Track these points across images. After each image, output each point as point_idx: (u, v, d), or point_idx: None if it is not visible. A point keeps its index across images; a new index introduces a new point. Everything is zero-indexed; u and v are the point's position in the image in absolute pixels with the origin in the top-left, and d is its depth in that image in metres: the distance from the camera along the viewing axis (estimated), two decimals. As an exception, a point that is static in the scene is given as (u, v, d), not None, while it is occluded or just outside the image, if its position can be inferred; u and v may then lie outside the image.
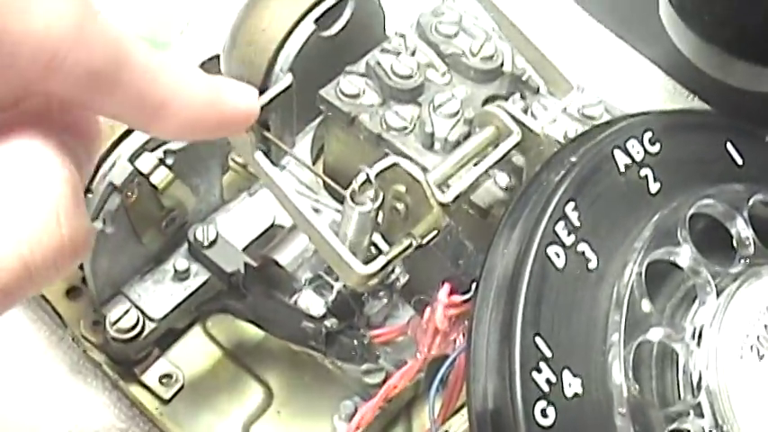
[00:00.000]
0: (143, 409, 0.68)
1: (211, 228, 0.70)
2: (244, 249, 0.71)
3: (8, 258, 0.35)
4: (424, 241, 0.54)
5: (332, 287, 0.64)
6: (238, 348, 0.71)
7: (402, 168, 0.54)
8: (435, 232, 0.54)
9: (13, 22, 0.35)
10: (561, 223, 0.51)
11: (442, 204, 0.55)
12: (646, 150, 0.55)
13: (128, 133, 0.64)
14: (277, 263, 0.65)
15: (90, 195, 0.64)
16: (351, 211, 0.54)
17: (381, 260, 0.55)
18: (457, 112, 0.67)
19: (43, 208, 0.37)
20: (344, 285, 0.63)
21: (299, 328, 0.61)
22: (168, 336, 0.70)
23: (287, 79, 0.70)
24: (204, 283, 0.70)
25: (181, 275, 0.69)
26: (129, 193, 0.63)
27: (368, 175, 0.54)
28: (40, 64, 0.37)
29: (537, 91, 0.69)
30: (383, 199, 0.55)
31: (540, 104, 0.68)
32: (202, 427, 0.68)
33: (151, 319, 0.68)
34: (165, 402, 0.69)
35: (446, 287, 0.53)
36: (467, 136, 0.67)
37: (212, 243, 0.69)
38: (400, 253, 0.55)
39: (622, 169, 0.54)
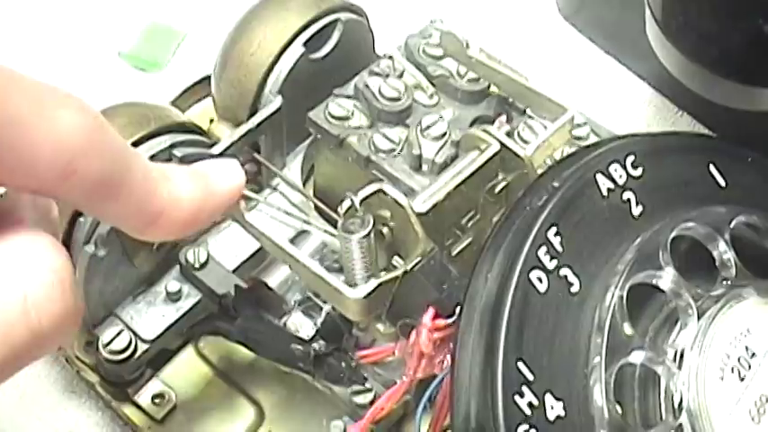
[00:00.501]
0: (136, 429, 0.69)
1: (202, 250, 0.70)
2: (234, 270, 0.71)
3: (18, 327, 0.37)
4: (409, 267, 0.54)
5: (321, 309, 0.64)
6: (230, 368, 0.72)
7: (386, 194, 0.55)
8: (420, 258, 0.55)
9: (38, 128, 0.37)
10: (543, 248, 0.52)
11: (418, 214, 0.56)
12: (628, 174, 0.56)
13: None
14: (267, 285, 0.66)
15: (82, 219, 0.65)
16: (348, 242, 0.55)
17: (372, 283, 0.55)
18: (444, 134, 0.68)
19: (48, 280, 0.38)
20: (333, 308, 0.63)
21: (288, 349, 0.62)
22: (161, 356, 0.71)
23: (276, 102, 0.71)
24: (196, 305, 0.70)
25: (173, 297, 0.70)
26: (121, 217, 0.64)
27: (353, 201, 0.55)
28: (56, 170, 0.38)
29: (524, 112, 0.70)
30: (373, 223, 0.55)
31: (527, 126, 0.69)
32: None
33: (143, 341, 0.69)
34: (158, 422, 0.69)
35: (430, 311, 0.53)
36: (454, 157, 0.68)
37: (203, 265, 0.70)
38: (393, 279, 0.56)
39: (605, 193, 0.55)
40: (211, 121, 0.75)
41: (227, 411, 0.70)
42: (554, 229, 0.53)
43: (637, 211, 0.56)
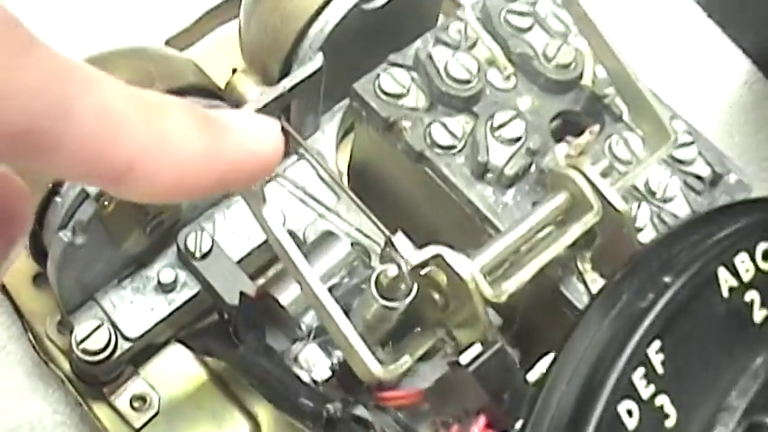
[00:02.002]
0: (109, 436, 0.59)
1: (206, 236, 0.58)
2: (244, 258, 0.59)
3: None
4: (462, 360, 0.42)
5: (342, 343, 0.53)
6: (226, 371, 0.60)
7: (447, 264, 0.42)
8: (478, 346, 0.43)
9: None
10: (641, 370, 0.40)
11: (490, 303, 0.43)
12: (757, 267, 0.43)
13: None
14: (278, 302, 0.54)
15: (58, 200, 0.52)
16: (373, 301, 0.43)
17: (405, 362, 0.43)
18: (519, 138, 0.54)
19: None
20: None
21: (296, 403, 0.50)
22: (145, 351, 0.60)
23: (317, 60, 0.57)
24: (192, 298, 0.59)
25: (165, 287, 0.58)
26: (106, 203, 0.51)
27: (400, 267, 0.42)
28: None
29: (620, 118, 0.56)
30: (416, 294, 0.43)
31: (623, 139, 0.55)
32: (170, 467, 0.59)
33: (126, 338, 0.57)
34: (136, 431, 0.59)
35: (482, 420, 0.42)
36: (526, 169, 0.55)
37: (206, 255, 0.58)
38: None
39: (725, 294, 0.42)
40: (234, 71, 0.61)
41: (217, 423, 0.59)
42: (657, 344, 0.40)
43: (760, 315, 0.43)
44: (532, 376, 0.44)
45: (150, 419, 0.59)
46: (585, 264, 0.52)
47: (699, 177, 0.55)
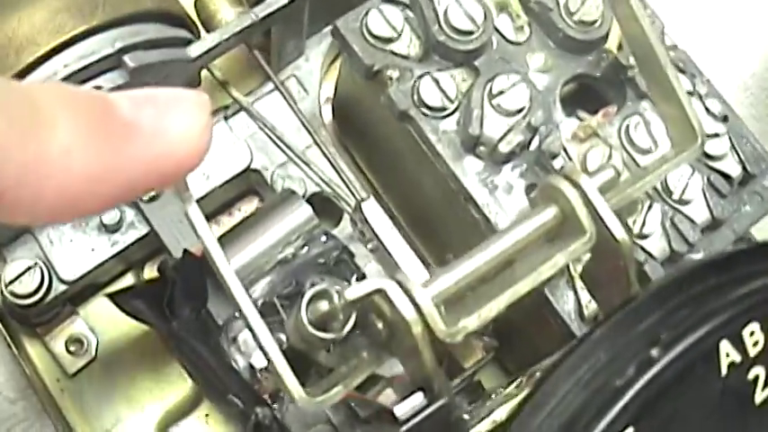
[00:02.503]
0: (39, 380, 0.53)
1: (157, 175, 0.51)
2: (201, 200, 0.52)
3: None
4: (397, 411, 0.36)
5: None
6: (176, 320, 0.55)
7: (391, 302, 0.35)
8: (420, 396, 0.36)
9: None
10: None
11: (440, 341, 0.36)
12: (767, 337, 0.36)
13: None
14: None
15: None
16: (300, 324, 0.36)
17: (336, 393, 0.37)
18: (520, 110, 0.46)
19: None
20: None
21: (225, 398, 0.44)
22: (87, 289, 0.54)
23: (298, -15, 0.49)
24: (138, 241, 0.52)
25: (109, 227, 0.52)
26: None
27: (339, 296, 0.35)
28: None
29: (645, 95, 0.47)
30: (355, 323, 0.36)
31: (644, 121, 0.47)
32: (108, 418, 0.53)
33: (62, 281, 0.51)
34: (69, 376, 0.53)
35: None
36: (525, 146, 0.47)
37: (154, 197, 0.51)
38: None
39: (724, 371, 0.35)
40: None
41: (157, 379, 0.54)
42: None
43: (763, 396, 0.36)
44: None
45: (86, 365, 0.53)
46: (578, 266, 0.44)
47: (727, 177, 0.47)
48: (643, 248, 0.45)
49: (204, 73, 0.52)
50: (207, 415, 0.54)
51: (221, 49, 0.49)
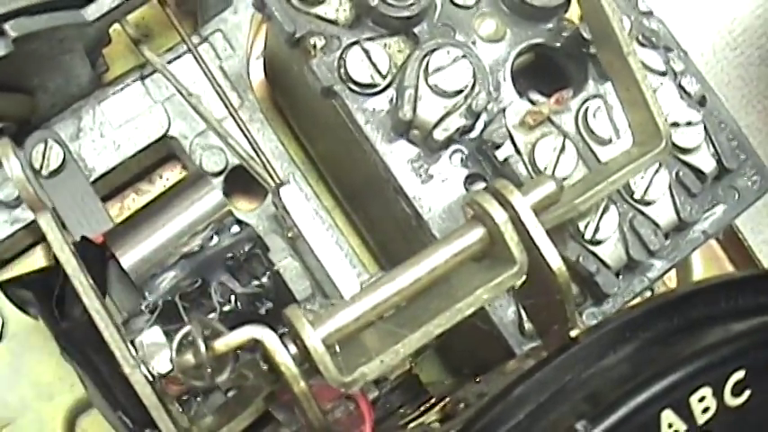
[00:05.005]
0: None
1: (56, 149, 0.45)
2: (108, 174, 0.47)
3: None
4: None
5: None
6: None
7: (270, 354, 0.30)
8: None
9: None
10: None
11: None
12: (720, 404, 0.30)
13: None
14: (118, 262, 0.42)
15: None
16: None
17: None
18: (459, 92, 0.40)
19: None
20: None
21: (115, 414, 0.39)
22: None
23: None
24: (40, 217, 0.46)
25: (8, 204, 0.46)
26: None
27: (207, 345, 0.30)
28: None
29: (606, 78, 0.41)
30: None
31: (606, 106, 0.40)
32: (13, 403, 0.49)
33: (-49, 258, 0.46)
34: (-28, 362, 0.49)
35: None
36: (466, 132, 0.41)
37: (55, 171, 0.45)
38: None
39: (662, 444, 0.30)
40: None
41: (68, 365, 0.49)
42: None
43: (712, 467, 0.30)
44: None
45: (-14, 346, 0.49)
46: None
47: (699, 173, 0.41)
48: (596, 255, 0.40)
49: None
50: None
51: (125, 8, 0.42)
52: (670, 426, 0.29)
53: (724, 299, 0.32)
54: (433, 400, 0.42)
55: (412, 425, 0.40)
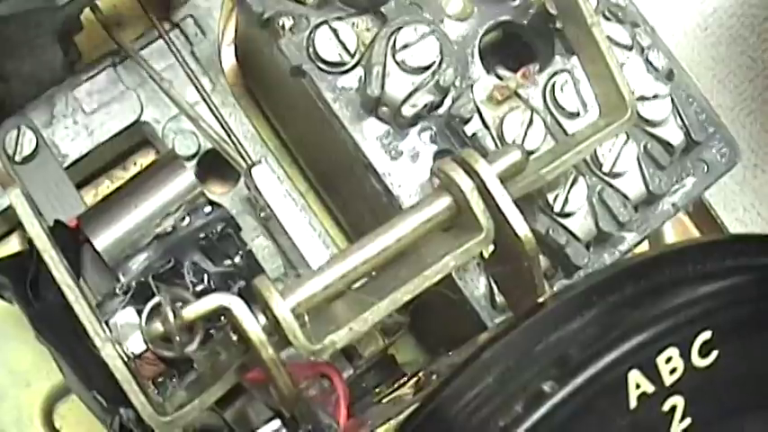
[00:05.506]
0: None
1: (29, 135, 0.45)
2: (81, 159, 0.47)
3: None
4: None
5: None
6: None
7: (238, 321, 0.30)
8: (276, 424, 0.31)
9: None
10: None
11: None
12: (688, 365, 0.30)
13: None
14: (91, 244, 0.42)
15: None
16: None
17: (190, 411, 0.32)
18: (428, 67, 0.40)
19: None
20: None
21: (89, 394, 0.39)
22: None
23: None
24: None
25: (-22, 186, 0.46)
26: None
27: (175, 313, 0.30)
28: None
29: (572, 53, 0.41)
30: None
31: (573, 80, 0.41)
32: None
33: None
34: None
35: None
36: (435, 108, 0.41)
37: (28, 158, 0.45)
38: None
39: (633, 404, 0.30)
40: None
41: (44, 351, 0.49)
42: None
43: (678, 429, 0.31)
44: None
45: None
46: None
47: (667, 145, 0.41)
48: (566, 228, 0.40)
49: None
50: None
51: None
52: (638, 386, 0.30)
53: (691, 262, 0.32)
54: (406, 377, 0.42)
55: (386, 399, 0.40)
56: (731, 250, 0.34)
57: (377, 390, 0.45)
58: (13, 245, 0.50)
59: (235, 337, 0.31)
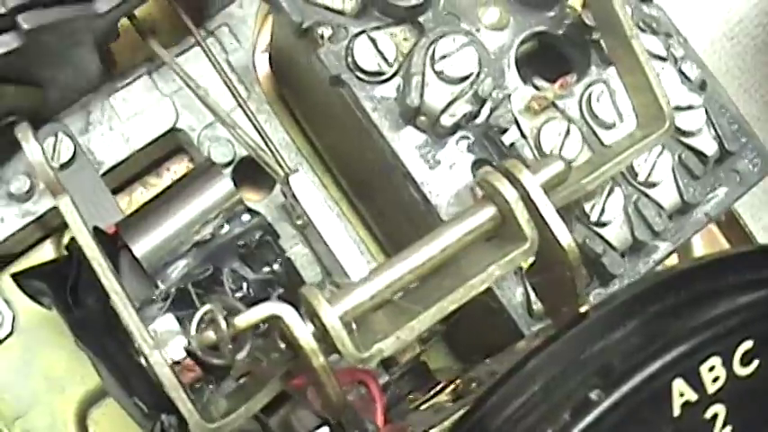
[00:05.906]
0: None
1: (66, 141, 0.46)
2: (118, 166, 0.47)
3: None
4: None
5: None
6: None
7: (288, 327, 0.30)
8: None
9: None
10: None
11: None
12: (730, 374, 0.31)
13: None
14: (130, 251, 0.42)
15: None
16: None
17: (236, 418, 0.33)
18: (466, 78, 0.41)
19: None
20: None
21: (130, 400, 0.40)
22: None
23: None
24: (52, 209, 0.47)
25: (18, 198, 0.46)
26: None
27: (228, 323, 0.30)
28: None
29: (609, 62, 0.41)
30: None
31: (609, 91, 0.41)
32: (25, 396, 0.49)
33: (-38, 253, 0.47)
34: (-15, 355, 0.49)
35: None
36: (473, 118, 0.41)
37: (66, 164, 0.46)
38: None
39: (676, 412, 0.30)
40: None
41: (79, 359, 0.49)
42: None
43: (721, 437, 0.31)
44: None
45: (2, 341, 0.49)
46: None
47: (701, 155, 0.42)
48: (602, 237, 0.40)
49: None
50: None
51: (135, 1, 0.43)
52: (681, 394, 0.30)
53: (730, 273, 0.33)
54: (443, 384, 0.42)
55: (424, 406, 0.40)
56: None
57: (410, 396, 0.46)
58: (46, 251, 0.51)
59: (282, 345, 0.32)
